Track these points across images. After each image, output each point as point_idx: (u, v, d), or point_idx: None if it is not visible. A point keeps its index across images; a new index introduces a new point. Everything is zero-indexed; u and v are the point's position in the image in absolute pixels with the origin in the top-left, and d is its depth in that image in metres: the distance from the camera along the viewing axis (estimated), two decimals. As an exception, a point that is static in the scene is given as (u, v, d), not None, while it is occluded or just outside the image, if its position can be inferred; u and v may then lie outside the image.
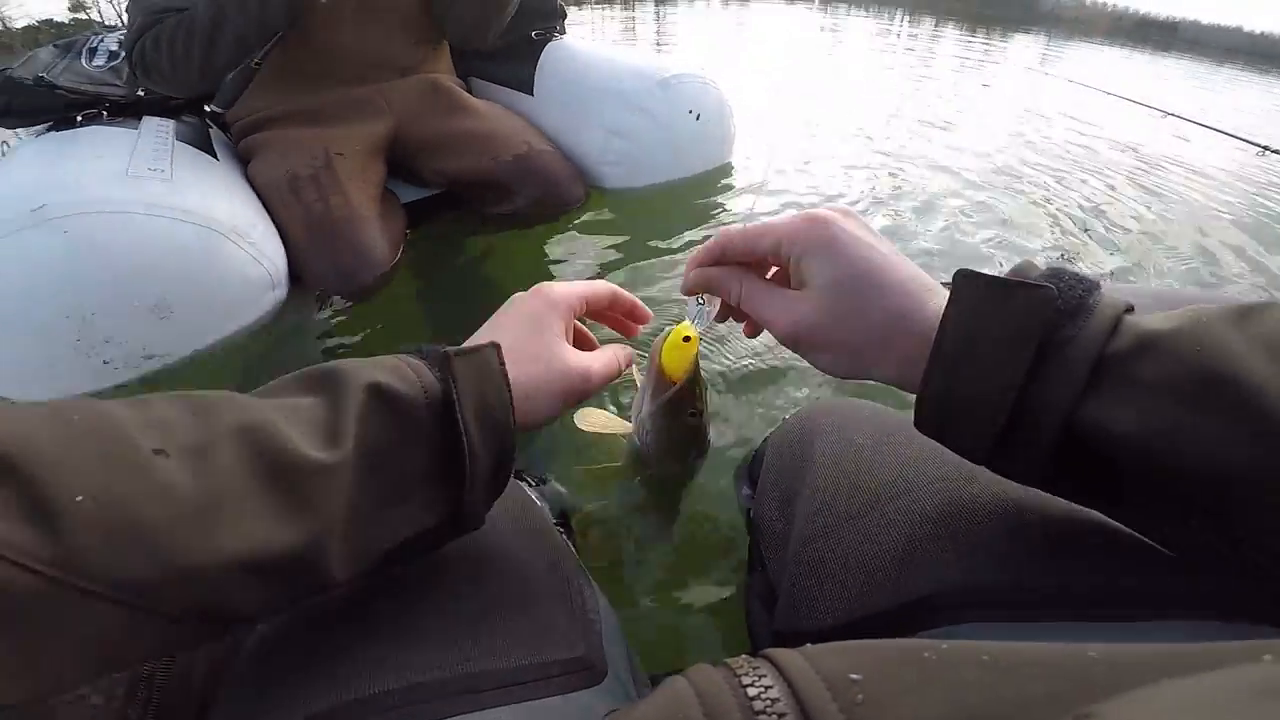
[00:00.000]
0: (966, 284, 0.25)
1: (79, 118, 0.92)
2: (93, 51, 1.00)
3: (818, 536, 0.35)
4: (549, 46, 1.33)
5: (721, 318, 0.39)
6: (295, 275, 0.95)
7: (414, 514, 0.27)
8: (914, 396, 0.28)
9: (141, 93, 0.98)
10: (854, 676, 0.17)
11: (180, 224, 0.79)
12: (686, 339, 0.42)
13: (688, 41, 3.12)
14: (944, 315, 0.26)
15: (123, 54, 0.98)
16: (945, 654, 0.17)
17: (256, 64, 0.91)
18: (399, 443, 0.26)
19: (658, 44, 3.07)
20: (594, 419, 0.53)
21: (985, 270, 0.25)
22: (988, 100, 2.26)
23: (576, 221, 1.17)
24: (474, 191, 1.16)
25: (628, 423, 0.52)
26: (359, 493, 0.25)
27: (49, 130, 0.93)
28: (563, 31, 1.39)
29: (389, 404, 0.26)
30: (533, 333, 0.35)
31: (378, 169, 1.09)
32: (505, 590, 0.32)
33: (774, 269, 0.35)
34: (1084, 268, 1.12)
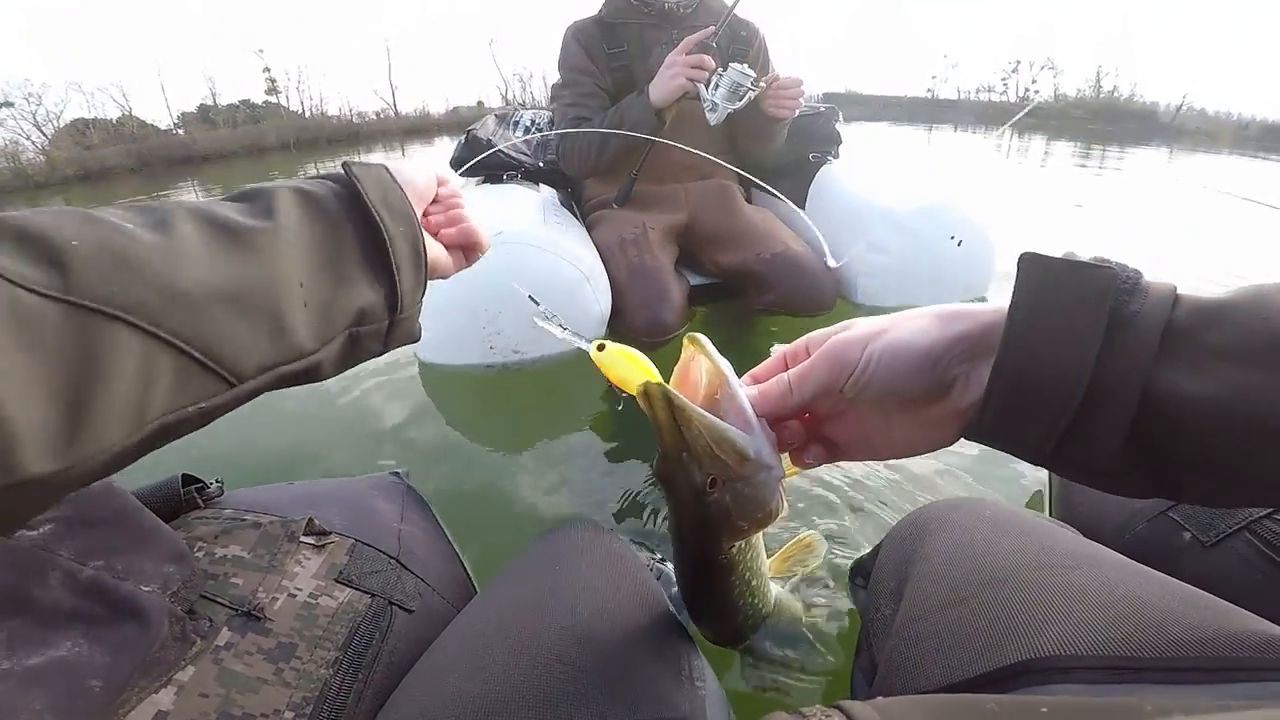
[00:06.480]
0: (1032, 264, 0.26)
1: (504, 175, 1.30)
2: (517, 124, 1.40)
3: (921, 614, 0.37)
4: (824, 168, 1.56)
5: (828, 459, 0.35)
6: (613, 318, 1.21)
7: (359, 291, 0.34)
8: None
9: (541, 164, 1.36)
10: None
11: (564, 263, 1.09)
12: (601, 347, 0.36)
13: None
14: (1013, 293, 0.26)
15: (532, 128, 1.38)
16: (1007, 706, 0.18)
17: (634, 174, 1.26)
18: (323, 224, 0.32)
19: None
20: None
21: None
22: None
23: (825, 319, 1.33)
24: (741, 282, 1.37)
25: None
26: (299, 255, 0.30)
27: (483, 182, 1.32)
28: (836, 156, 1.61)
29: (306, 198, 0.33)
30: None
31: (673, 248, 1.38)
32: (621, 653, 0.34)
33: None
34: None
